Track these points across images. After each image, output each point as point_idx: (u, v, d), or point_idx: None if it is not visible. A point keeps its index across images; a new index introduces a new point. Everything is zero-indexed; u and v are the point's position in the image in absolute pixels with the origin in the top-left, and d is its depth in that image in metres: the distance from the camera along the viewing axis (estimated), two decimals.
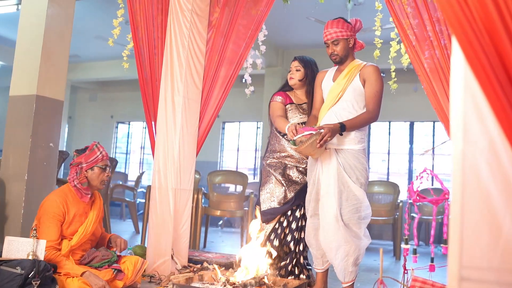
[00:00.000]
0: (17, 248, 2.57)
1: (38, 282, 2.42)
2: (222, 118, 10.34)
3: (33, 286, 2.41)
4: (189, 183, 3.67)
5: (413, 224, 2.66)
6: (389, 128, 9.34)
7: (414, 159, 9.05)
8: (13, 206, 3.65)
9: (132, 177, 10.69)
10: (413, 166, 9.04)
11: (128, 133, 12.04)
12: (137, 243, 5.73)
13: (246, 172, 9.04)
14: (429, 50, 2.94)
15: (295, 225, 3.35)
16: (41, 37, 3.77)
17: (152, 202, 3.63)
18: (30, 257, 2.50)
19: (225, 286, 2.71)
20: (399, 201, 5.99)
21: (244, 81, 3.90)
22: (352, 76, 3.06)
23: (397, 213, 5.78)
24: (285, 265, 3.31)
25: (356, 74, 3.06)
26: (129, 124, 12.00)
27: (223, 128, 10.82)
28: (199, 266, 3.58)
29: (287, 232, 3.35)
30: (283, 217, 3.35)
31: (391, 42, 3.27)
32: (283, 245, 3.35)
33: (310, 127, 2.92)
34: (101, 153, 2.92)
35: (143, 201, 6.65)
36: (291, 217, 3.36)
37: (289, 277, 3.28)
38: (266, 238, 3.31)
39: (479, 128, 1.21)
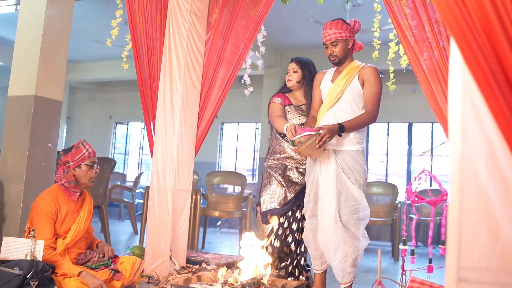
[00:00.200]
0: (15, 248, 2.57)
1: (36, 283, 2.41)
2: (220, 119, 10.34)
3: (31, 287, 2.40)
4: (187, 183, 3.67)
5: (411, 225, 2.66)
6: (387, 129, 9.34)
7: (412, 160, 9.05)
8: (11, 207, 3.64)
9: (130, 177, 10.68)
10: (411, 167, 9.04)
11: (127, 133, 12.03)
12: (136, 243, 5.72)
13: (244, 173, 9.05)
14: (427, 51, 2.95)
15: (295, 226, 3.35)
16: (39, 38, 3.77)
17: (151, 202, 3.63)
18: (28, 258, 2.49)
19: (223, 287, 2.71)
20: (397, 202, 5.99)
21: (243, 82, 3.90)
22: (351, 77, 3.06)
23: (396, 214, 5.78)
24: (286, 266, 3.31)
25: (355, 75, 3.06)
26: (127, 125, 11.99)
27: (222, 128, 10.82)
28: (197, 266, 3.58)
29: (287, 233, 3.35)
30: (283, 217, 3.35)
31: (389, 43, 3.27)
32: (284, 246, 3.34)
33: (309, 127, 2.91)
34: (87, 150, 2.91)
35: (142, 201, 6.64)
36: (292, 218, 3.36)
37: (289, 278, 3.28)
38: (266, 239, 3.31)
39: (477, 129, 1.21)
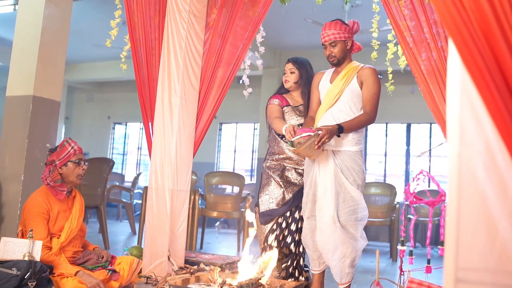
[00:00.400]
0: (13, 249, 2.56)
1: (34, 283, 2.41)
2: (219, 119, 10.33)
3: (29, 287, 2.40)
4: (186, 184, 3.67)
5: (409, 226, 2.67)
6: (386, 130, 9.35)
7: (411, 160, 9.06)
8: (9, 207, 3.63)
9: (129, 178, 10.68)
10: (409, 167, 9.05)
11: (125, 134, 12.02)
12: (134, 244, 5.72)
13: (243, 173, 9.03)
14: (426, 52, 2.95)
15: (294, 227, 3.35)
16: (38, 38, 3.76)
17: (149, 203, 3.62)
18: (26, 258, 2.49)
19: (221, 287, 2.71)
20: (395, 202, 6.00)
21: (242, 82, 3.89)
22: (349, 78, 3.06)
23: (394, 215, 5.79)
24: (286, 267, 3.31)
25: (354, 76, 3.06)
26: (126, 125, 11.97)
27: (220, 129, 10.81)
28: (195, 267, 3.57)
29: (286, 233, 3.35)
30: (281, 218, 3.35)
31: (388, 44, 3.27)
32: (283, 247, 3.34)
33: (308, 128, 2.91)
34: (72, 148, 2.90)
35: (140, 202, 6.63)
36: (290, 219, 3.35)
37: (289, 279, 3.27)
38: (264, 239, 3.31)
39: (475, 130, 1.21)
